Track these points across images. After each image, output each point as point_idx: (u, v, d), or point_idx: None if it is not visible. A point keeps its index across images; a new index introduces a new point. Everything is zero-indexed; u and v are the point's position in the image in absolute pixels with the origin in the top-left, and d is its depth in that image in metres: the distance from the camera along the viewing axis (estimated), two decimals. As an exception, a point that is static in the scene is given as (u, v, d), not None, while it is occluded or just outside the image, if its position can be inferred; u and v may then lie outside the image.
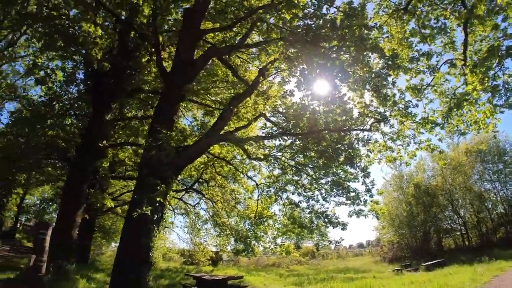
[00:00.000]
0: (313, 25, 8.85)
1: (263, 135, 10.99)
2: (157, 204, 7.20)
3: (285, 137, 10.00)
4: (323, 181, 11.69)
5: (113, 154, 15.00)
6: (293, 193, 12.58)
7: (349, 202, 10.76)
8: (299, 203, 12.31)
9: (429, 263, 19.49)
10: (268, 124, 11.51)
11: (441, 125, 10.39)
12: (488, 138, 27.58)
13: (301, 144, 10.80)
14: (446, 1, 10.14)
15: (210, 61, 12.62)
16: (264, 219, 14.52)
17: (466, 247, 27.43)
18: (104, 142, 11.93)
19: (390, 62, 9.39)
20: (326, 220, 11.48)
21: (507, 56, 8.93)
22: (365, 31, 8.70)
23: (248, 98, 9.82)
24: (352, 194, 10.80)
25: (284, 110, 10.69)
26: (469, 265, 17.43)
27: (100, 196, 12.41)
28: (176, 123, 11.93)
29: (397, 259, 28.53)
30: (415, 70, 10.85)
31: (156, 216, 7.56)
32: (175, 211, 24.75)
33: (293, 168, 11.92)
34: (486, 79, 9.20)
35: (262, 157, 12.00)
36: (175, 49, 10.83)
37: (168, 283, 17.30)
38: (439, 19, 10.45)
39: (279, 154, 11.93)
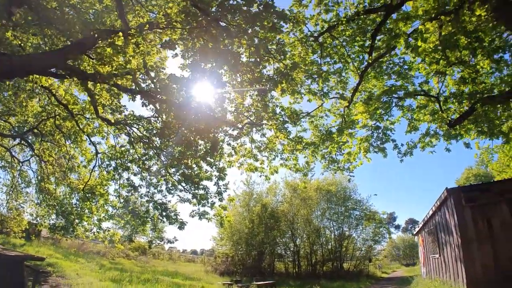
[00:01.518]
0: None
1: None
2: None
3: (146, 100, 8.28)
4: (173, 170, 10.27)
5: None
6: (135, 175, 10.83)
7: (195, 200, 9.59)
8: (139, 188, 10.59)
9: (261, 282, 19.72)
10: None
11: (312, 149, 10.25)
12: (339, 181, 30.59)
13: (161, 125, 9.24)
14: (355, 46, 10.18)
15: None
16: (96, 196, 12.15)
17: (295, 273, 29.14)
18: None
19: (287, 70, 8.72)
20: (164, 213, 10.02)
21: (396, 105, 9.44)
22: (280, 22, 7.80)
23: (121, 42, 7.86)
24: (201, 192, 9.68)
25: (157, 79, 9.00)
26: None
27: None
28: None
29: (228, 272, 28.49)
30: (306, 90, 10.46)
31: None
32: (-3, 162, 19.94)
33: (145, 148, 10.24)
34: (378, 112, 9.44)
35: (112, 120, 9.92)
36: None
37: None
38: (341, 60, 10.41)
39: (135, 126, 10.10)
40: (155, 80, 9.28)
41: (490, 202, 10.18)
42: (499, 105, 8.48)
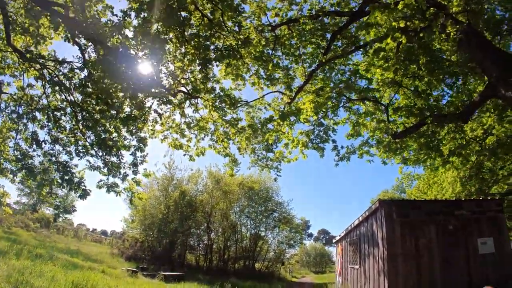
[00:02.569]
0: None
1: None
2: None
3: (72, 34, 6.97)
4: (87, 130, 8.91)
5: None
6: (42, 127, 9.24)
7: (106, 170, 8.43)
8: (43, 143, 9.05)
9: (169, 273, 18.67)
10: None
11: (247, 134, 9.68)
12: (263, 181, 30.50)
13: (86, 74, 7.97)
14: (309, 48, 9.90)
15: None
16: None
17: (206, 268, 28.29)
18: None
19: (238, 46, 8.09)
20: (65, 177, 8.63)
21: (343, 106, 9.27)
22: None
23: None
24: (113, 159, 8.54)
25: (94, 19, 7.68)
26: (207, 286, 17.24)
27: None
28: None
29: (136, 258, 26.71)
30: (253, 73, 9.91)
31: None
32: None
33: (61, 102, 8.79)
34: (329, 103, 9.17)
35: (26, 54, 8.15)
36: None
37: None
38: (293, 58, 10.05)
39: (52, 69, 8.58)
40: (89, 17, 7.93)
41: (419, 220, 10.41)
42: (447, 125, 8.67)
